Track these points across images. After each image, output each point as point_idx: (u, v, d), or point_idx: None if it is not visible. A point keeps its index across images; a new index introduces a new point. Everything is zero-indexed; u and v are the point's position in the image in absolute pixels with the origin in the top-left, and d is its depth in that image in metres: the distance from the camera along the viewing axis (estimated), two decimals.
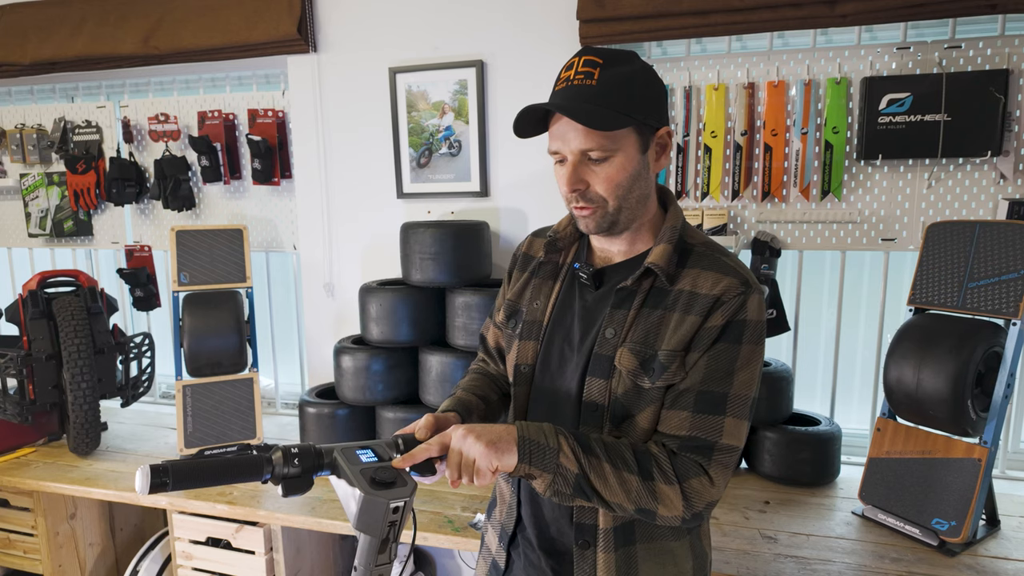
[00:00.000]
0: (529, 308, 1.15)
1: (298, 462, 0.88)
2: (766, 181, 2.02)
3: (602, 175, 0.98)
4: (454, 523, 1.76)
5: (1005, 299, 1.56)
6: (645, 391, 1.00)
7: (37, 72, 2.61)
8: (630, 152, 0.98)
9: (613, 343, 1.02)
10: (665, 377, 0.98)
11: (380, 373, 2.11)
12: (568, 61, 0.98)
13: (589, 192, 0.99)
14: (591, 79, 0.94)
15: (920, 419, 1.66)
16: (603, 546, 1.04)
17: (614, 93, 0.94)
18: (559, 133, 0.98)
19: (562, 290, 1.13)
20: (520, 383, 1.13)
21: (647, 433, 1.01)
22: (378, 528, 0.82)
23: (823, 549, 1.59)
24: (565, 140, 0.97)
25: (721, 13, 1.90)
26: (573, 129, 0.96)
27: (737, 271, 0.99)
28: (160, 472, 0.80)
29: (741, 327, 0.97)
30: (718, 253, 1.03)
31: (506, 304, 1.20)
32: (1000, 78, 1.80)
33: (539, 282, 1.16)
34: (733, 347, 0.97)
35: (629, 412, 1.01)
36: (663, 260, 1.00)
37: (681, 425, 0.98)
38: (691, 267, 1.01)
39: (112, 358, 2.28)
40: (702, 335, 0.97)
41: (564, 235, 1.15)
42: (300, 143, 2.46)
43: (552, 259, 1.16)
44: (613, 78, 0.95)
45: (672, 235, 1.03)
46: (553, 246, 1.15)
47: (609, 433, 1.02)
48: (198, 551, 1.99)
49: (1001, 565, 1.51)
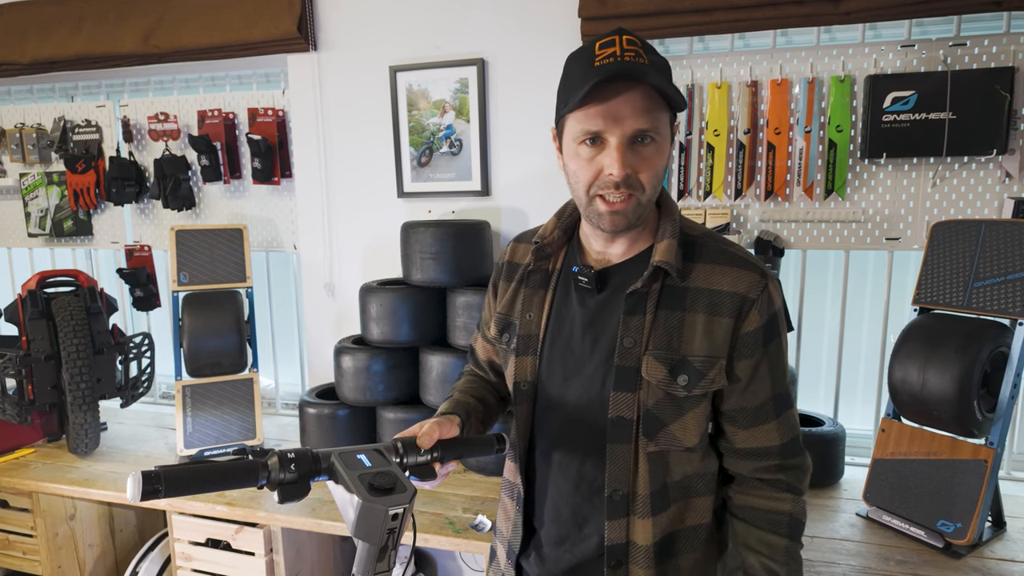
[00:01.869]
0: (523, 321, 1.08)
1: (295, 467, 0.85)
2: (769, 180, 2.00)
3: (650, 160, 0.92)
4: (455, 524, 1.75)
5: (1011, 299, 1.54)
6: (681, 400, 0.96)
7: (37, 71, 2.61)
8: (667, 140, 0.94)
9: (635, 353, 0.96)
10: (703, 384, 0.95)
11: (381, 373, 2.10)
12: (602, 39, 0.91)
13: (631, 178, 0.92)
14: (642, 58, 0.89)
15: (925, 420, 1.64)
16: (643, 563, 1.01)
17: (664, 75, 0.91)
18: (609, 111, 0.89)
19: (555, 298, 1.07)
20: (521, 401, 1.08)
21: (684, 442, 0.98)
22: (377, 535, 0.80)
23: (827, 551, 1.57)
24: (617, 119, 0.89)
25: (724, 11, 1.88)
26: (631, 106, 0.88)
27: (749, 261, 0.98)
28: (152, 479, 0.77)
29: (776, 320, 0.98)
30: (723, 244, 1.01)
31: (497, 318, 1.14)
32: (1006, 76, 1.78)
33: (530, 292, 1.09)
34: (778, 342, 0.99)
35: (663, 423, 0.97)
36: (671, 257, 0.96)
37: (772, 435, 1.00)
38: (700, 261, 0.98)
39: (112, 358, 2.27)
40: (745, 340, 0.96)
41: (552, 239, 1.08)
42: (300, 142, 2.45)
43: (541, 266, 1.09)
44: (658, 62, 0.92)
45: (674, 229, 0.99)
46: (541, 252, 1.08)
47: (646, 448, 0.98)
48: (198, 552, 1.98)
49: (1007, 567, 1.49)
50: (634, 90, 0.89)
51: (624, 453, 0.99)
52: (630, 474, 0.99)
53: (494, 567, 1.21)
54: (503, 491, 1.18)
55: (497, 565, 1.19)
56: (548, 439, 1.07)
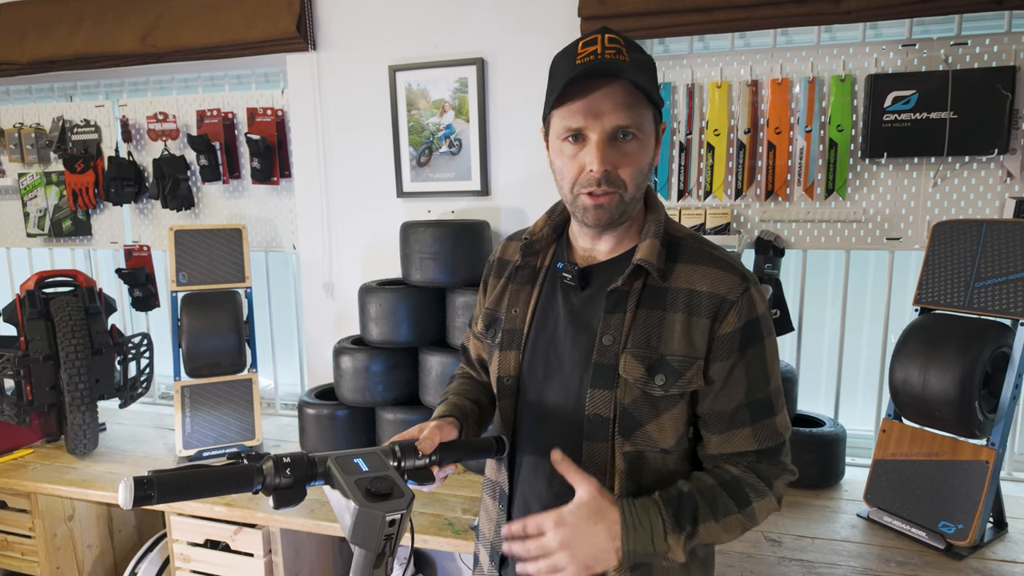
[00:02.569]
0: (508, 316, 1.09)
1: (290, 472, 0.84)
2: (769, 180, 2.00)
3: (632, 156, 0.92)
4: (454, 525, 1.74)
5: (1013, 299, 1.54)
6: (658, 399, 0.96)
7: (35, 71, 2.60)
8: (651, 138, 0.95)
9: (613, 350, 0.97)
10: (680, 384, 0.95)
11: (380, 374, 2.09)
12: (585, 38, 0.92)
13: (612, 175, 0.93)
14: (622, 55, 0.90)
15: (926, 420, 1.64)
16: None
17: (645, 73, 0.92)
18: (589, 108, 0.90)
19: (542, 294, 1.07)
20: (504, 396, 1.08)
21: (660, 443, 0.97)
22: (374, 541, 0.79)
23: (828, 552, 1.57)
24: (597, 115, 0.90)
25: (724, 10, 1.88)
26: (611, 102, 0.89)
27: (731, 264, 0.97)
28: (144, 484, 0.76)
29: (757, 325, 0.96)
30: (707, 246, 1.00)
31: (484, 313, 1.15)
32: (1007, 75, 1.78)
33: (516, 287, 1.10)
34: (760, 348, 0.96)
35: (639, 422, 0.97)
36: (652, 256, 0.96)
37: (748, 441, 0.97)
38: (683, 262, 0.98)
39: (110, 358, 2.26)
40: (721, 342, 0.95)
41: (541, 236, 1.09)
42: (299, 142, 2.44)
43: (529, 262, 1.10)
44: (640, 59, 0.92)
45: (657, 229, 0.99)
46: (530, 248, 1.09)
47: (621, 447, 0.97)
48: (196, 553, 1.97)
49: (1009, 568, 1.49)
50: (613, 86, 0.90)
51: (600, 451, 0.99)
52: (605, 473, 0.99)
53: (477, 572, 1.19)
54: (485, 491, 1.16)
55: (481, 570, 1.17)
56: (527, 435, 1.06)
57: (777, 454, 0.99)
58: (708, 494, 0.95)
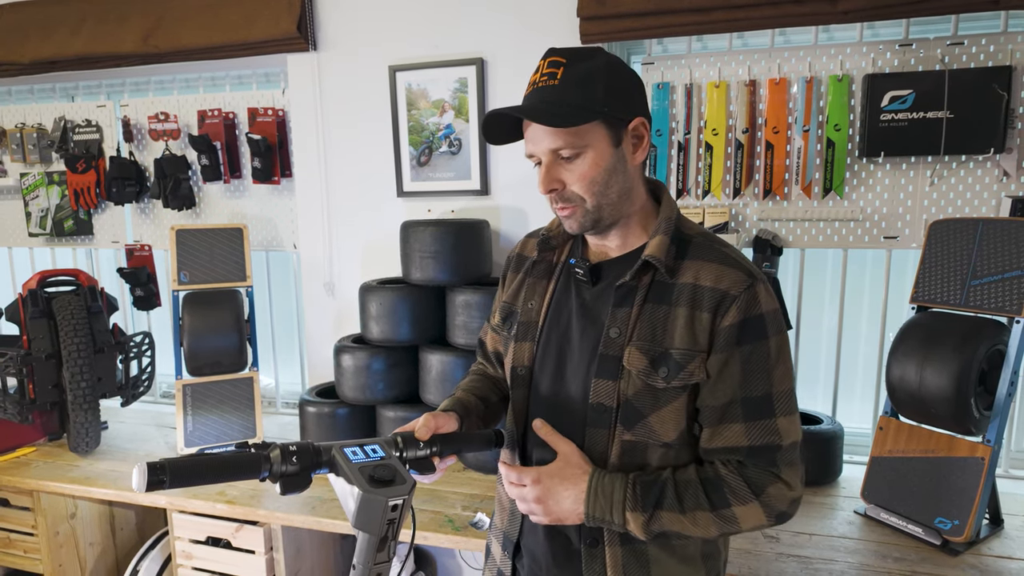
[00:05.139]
0: (524, 309, 1.13)
1: (296, 460, 0.87)
2: (767, 179, 2.01)
3: (576, 173, 0.97)
4: (454, 522, 1.76)
5: (1008, 297, 1.55)
6: (660, 391, 0.98)
7: (37, 71, 2.61)
8: (601, 147, 0.97)
9: (619, 342, 1.00)
10: (682, 377, 0.97)
11: (380, 372, 2.11)
12: (537, 65, 0.99)
13: (566, 192, 0.99)
14: (554, 79, 0.95)
15: (923, 418, 1.65)
16: (609, 540, 1.03)
17: (574, 89, 0.94)
18: (530, 136, 0.99)
19: (557, 289, 1.12)
20: (518, 386, 1.12)
21: (661, 436, 0.99)
22: (377, 526, 0.82)
23: (825, 548, 1.58)
24: (535, 142, 0.98)
25: (722, 10, 1.89)
26: (541, 130, 0.96)
27: (739, 262, 0.98)
28: (157, 470, 0.79)
29: (761, 322, 0.96)
30: (717, 243, 1.02)
31: (501, 306, 1.20)
32: (1003, 75, 1.79)
33: (533, 282, 1.15)
34: (761, 345, 0.96)
35: (641, 414, 0.99)
36: (661, 252, 0.99)
37: (738, 437, 0.97)
38: (692, 258, 1.00)
39: (112, 357, 2.27)
40: (720, 335, 0.96)
41: (557, 233, 1.14)
42: (300, 142, 2.46)
43: (545, 258, 1.15)
44: (575, 75, 0.94)
45: (668, 226, 1.01)
46: (546, 244, 1.14)
47: (621, 436, 1.00)
48: (198, 551, 1.99)
49: (1004, 564, 1.50)
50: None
51: (601, 438, 1.02)
52: (605, 461, 1.02)
53: (490, 564, 1.22)
54: (498, 483, 1.19)
55: (493, 561, 1.20)
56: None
57: (772, 455, 0.97)
58: (683, 486, 0.97)
